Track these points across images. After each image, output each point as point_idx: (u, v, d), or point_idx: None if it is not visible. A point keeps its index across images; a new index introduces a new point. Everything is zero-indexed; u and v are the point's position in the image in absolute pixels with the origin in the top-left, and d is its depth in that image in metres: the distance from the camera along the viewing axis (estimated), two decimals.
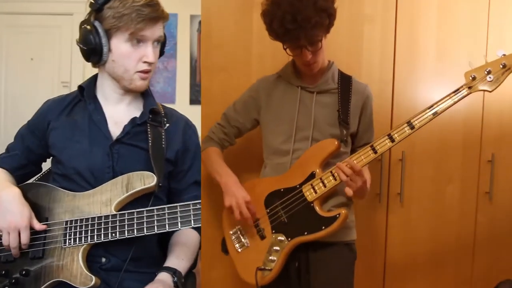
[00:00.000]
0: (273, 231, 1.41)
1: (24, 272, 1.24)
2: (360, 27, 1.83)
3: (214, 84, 1.84)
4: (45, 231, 1.26)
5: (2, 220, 1.23)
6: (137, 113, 1.35)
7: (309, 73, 1.46)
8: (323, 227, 1.33)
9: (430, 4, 1.83)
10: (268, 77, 1.57)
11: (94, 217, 1.23)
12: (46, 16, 4.22)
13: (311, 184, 1.39)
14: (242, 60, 1.82)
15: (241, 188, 1.44)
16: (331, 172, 1.37)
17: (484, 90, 1.30)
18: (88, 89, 1.34)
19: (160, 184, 1.25)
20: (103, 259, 1.28)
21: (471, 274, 1.91)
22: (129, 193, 1.24)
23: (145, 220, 1.20)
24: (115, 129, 1.32)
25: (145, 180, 1.24)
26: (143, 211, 1.21)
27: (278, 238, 1.39)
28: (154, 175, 1.24)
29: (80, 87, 1.34)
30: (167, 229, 1.19)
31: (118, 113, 1.34)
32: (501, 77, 1.27)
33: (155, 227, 1.19)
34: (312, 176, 1.39)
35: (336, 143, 1.39)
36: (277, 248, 1.38)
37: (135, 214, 1.21)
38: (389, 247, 1.89)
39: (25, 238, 1.22)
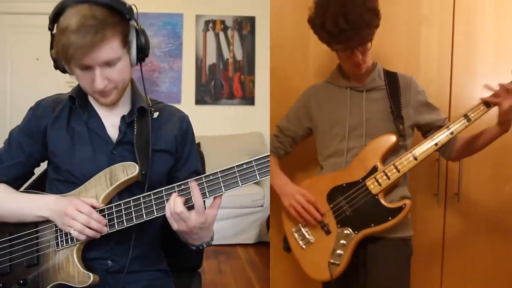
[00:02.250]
0: (339, 226, 1.45)
1: (21, 281, 1.21)
2: (418, 28, 1.80)
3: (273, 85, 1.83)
4: (37, 237, 1.23)
5: (61, 220, 1.18)
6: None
7: (358, 73, 1.50)
8: (390, 218, 1.39)
9: (488, 4, 1.79)
10: (317, 84, 1.62)
11: None
12: None
13: (375, 177, 1.43)
14: (299, 60, 1.82)
15: (293, 185, 1.50)
16: (394, 164, 1.42)
17: None
18: (79, 98, 1.28)
19: (143, 172, 1.21)
20: (109, 262, 1.25)
21: None
22: (114, 186, 1.21)
23: (132, 209, 1.17)
24: (114, 132, 1.28)
25: (127, 170, 1.21)
26: (130, 200, 1.18)
27: (345, 232, 1.43)
28: (136, 165, 1.21)
29: (70, 96, 1.28)
30: (155, 215, 1.16)
31: (113, 116, 1.30)
32: None
33: (143, 214, 1.16)
34: (374, 169, 1.44)
35: (395, 138, 1.44)
36: (344, 242, 1.43)
37: (122, 205, 1.18)
38: (447, 247, 1.85)
39: (84, 209, 1.17)
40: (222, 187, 1.14)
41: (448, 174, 1.81)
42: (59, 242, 1.21)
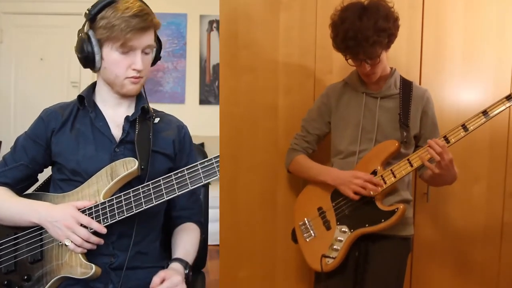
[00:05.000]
0: (338, 223, 1.54)
1: (26, 277, 1.24)
2: None
3: (241, 85, 1.82)
4: (41, 233, 1.26)
5: (58, 232, 1.22)
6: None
7: (369, 82, 1.59)
8: (383, 220, 1.46)
9: (457, 4, 1.79)
10: (336, 84, 1.69)
11: (85, 210, 1.24)
12: (55, 16, 4.23)
13: None
14: (269, 61, 1.82)
15: (342, 172, 1.54)
16: (391, 170, 1.48)
17: None
18: (88, 98, 1.36)
19: (142, 167, 1.28)
20: (111, 259, 1.27)
21: (497, 273, 1.86)
22: (114, 181, 1.26)
23: (132, 199, 1.23)
24: (117, 132, 1.34)
25: (127, 165, 1.27)
26: (129, 191, 1.23)
27: (342, 229, 1.52)
28: (135, 160, 1.27)
29: (80, 96, 1.36)
30: (154, 203, 1.21)
31: (118, 115, 1.36)
32: None
33: (143, 203, 1.22)
34: (374, 173, 1.51)
35: (396, 144, 1.51)
36: (341, 238, 1.52)
37: (122, 196, 1.23)
38: (416, 246, 1.85)
39: (84, 220, 1.21)
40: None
41: (417, 174, 1.80)
42: None
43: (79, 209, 1.23)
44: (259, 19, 1.80)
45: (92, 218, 1.22)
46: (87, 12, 1.27)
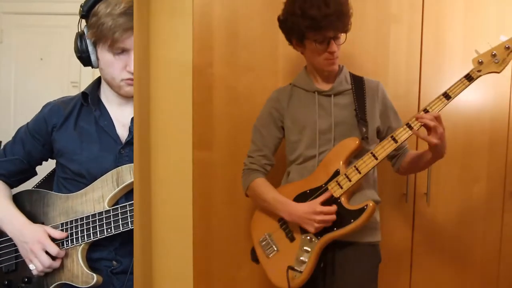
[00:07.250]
0: (302, 232, 1.40)
1: (26, 279, 1.23)
2: (387, 28, 1.78)
3: (241, 84, 1.80)
4: None
5: (24, 252, 1.22)
6: None
7: (330, 69, 1.47)
8: (352, 220, 1.34)
9: (457, 4, 1.79)
10: (283, 88, 1.59)
11: (89, 216, 1.22)
12: (55, 16, 4.21)
13: (336, 181, 1.39)
14: (268, 60, 1.80)
15: (299, 208, 1.40)
16: (354, 166, 1.38)
17: (493, 72, 1.33)
18: (92, 95, 1.31)
19: None
20: (114, 263, 1.27)
21: (497, 274, 1.86)
22: (120, 187, 1.23)
23: None
24: (123, 132, 1.30)
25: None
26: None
27: (308, 237, 1.39)
28: None
29: (83, 93, 1.32)
30: None
31: (124, 115, 1.32)
32: (506, 58, 1.32)
33: None
34: (336, 173, 1.40)
35: (357, 141, 1.41)
36: (308, 248, 1.38)
37: (127, 207, 1.20)
38: (415, 247, 1.84)
39: (52, 249, 1.20)
40: None
41: (417, 173, 1.80)
42: (64, 242, 1.22)
43: (51, 237, 1.21)
44: (259, 19, 1.78)
45: (96, 226, 1.20)
46: (80, 8, 1.22)
